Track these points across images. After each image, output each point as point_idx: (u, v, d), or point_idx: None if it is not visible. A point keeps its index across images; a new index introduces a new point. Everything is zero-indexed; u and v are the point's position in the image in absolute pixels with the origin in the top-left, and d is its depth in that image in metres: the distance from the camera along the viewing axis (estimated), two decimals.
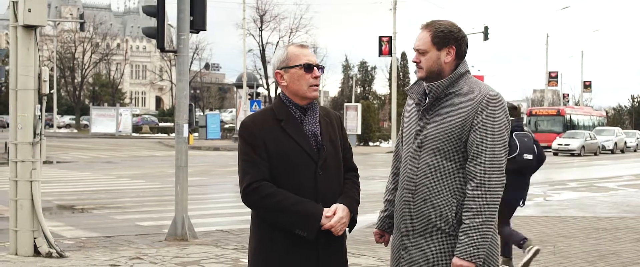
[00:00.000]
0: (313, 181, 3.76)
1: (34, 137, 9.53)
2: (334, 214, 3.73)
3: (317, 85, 3.87)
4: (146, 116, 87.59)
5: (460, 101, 3.72)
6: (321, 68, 3.88)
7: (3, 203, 14.81)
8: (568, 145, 45.49)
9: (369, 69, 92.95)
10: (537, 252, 9.04)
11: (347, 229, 3.86)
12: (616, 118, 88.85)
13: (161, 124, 78.90)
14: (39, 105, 9.63)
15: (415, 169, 3.79)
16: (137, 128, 70.69)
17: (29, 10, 9.21)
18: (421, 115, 3.82)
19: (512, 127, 9.06)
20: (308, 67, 3.80)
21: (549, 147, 48.20)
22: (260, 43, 67.31)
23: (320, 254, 3.77)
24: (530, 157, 9.31)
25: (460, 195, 3.70)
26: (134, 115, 74.28)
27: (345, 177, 3.95)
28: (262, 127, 3.77)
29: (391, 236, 4.11)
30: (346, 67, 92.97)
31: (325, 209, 3.73)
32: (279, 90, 3.99)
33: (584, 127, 56.95)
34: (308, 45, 3.97)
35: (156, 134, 69.44)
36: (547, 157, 11.09)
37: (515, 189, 8.88)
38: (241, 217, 12.94)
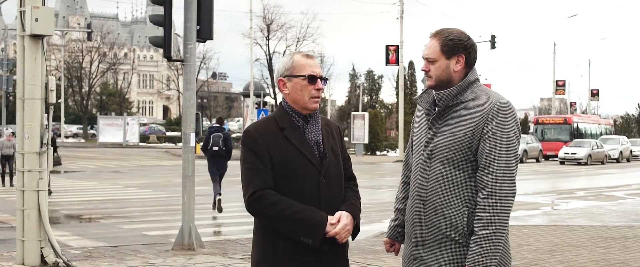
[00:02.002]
0: (316, 188, 3.75)
1: (41, 146, 9.53)
2: (338, 221, 3.73)
3: (319, 97, 3.87)
4: (153, 125, 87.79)
5: (470, 110, 3.69)
6: (324, 80, 3.88)
7: (10, 213, 14.82)
8: (575, 154, 45.35)
9: (376, 78, 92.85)
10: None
11: (350, 236, 3.86)
12: (624, 126, 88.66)
13: (168, 134, 78.99)
14: (46, 115, 9.63)
15: (426, 179, 3.77)
16: (144, 137, 70.83)
17: (36, 20, 9.22)
18: (431, 124, 3.79)
19: (212, 130, 16.75)
20: (312, 79, 3.80)
21: (556, 155, 48.08)
22: (267, 52, 67.49)
23: (323, 261, 3.76)
24: (216, 148, 16.20)
25: (471, 204, 3.67)
26: (141, 125, 74.47)
27: (345, 185, 3.95)
28: (266, 136, 3.76)
29: (402, 245, 4.08)
30: (353, 76, 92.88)
31: (329, 217, 3.72)
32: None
33: (591, 136, 56.75)
34: (314, 55, 3.96)
35: (163, 143, 69.51)
36: (554, 166, 11.35)
37: (216, 168, 16.36)
38: (248, 226, 12.89)
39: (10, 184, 22.99)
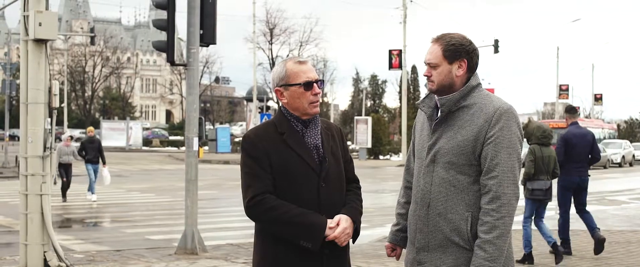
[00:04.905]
0: (316, 193, 3.75)
1: (44, 150, 9.53)
2: (338, 225, 3.73)
3: (318, 101, 3.86)
4: (156, 130, 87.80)
5: (473, 115, 3.70)
6: (321, 82, 3.87)
7: (13, 217, 14.83)
8: None
9: (380, 82, 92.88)
10: None
11: (351, 240, 3.85)
12: (628, 131, 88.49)
13: (171, 138, 79.01)
14: (49, 119, 9.63)
15: (429, 184, 3.77)
16: (147, 141, 70.88)
17: (40, 24, 9.22)
18: (433, 129, 3.79)
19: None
20: (308, 85, 3.78)
21: None
22: (270, 56, 67.54)
23: (324, 265, 3.77)
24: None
25: (475, 209, 3.67)
26: (144, 129, 74.52)
27: (347, 188, 3.94)
28: (265, 140, 3.76)
29: (403, 250, 4.08)
30: (356, 81, 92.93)
31: (328, 220, 3.72)
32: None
33: None
34: (306, 60, 3.93)
35: (166, 148, 69.54)
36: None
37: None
38: (251, 230, 12.80)
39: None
